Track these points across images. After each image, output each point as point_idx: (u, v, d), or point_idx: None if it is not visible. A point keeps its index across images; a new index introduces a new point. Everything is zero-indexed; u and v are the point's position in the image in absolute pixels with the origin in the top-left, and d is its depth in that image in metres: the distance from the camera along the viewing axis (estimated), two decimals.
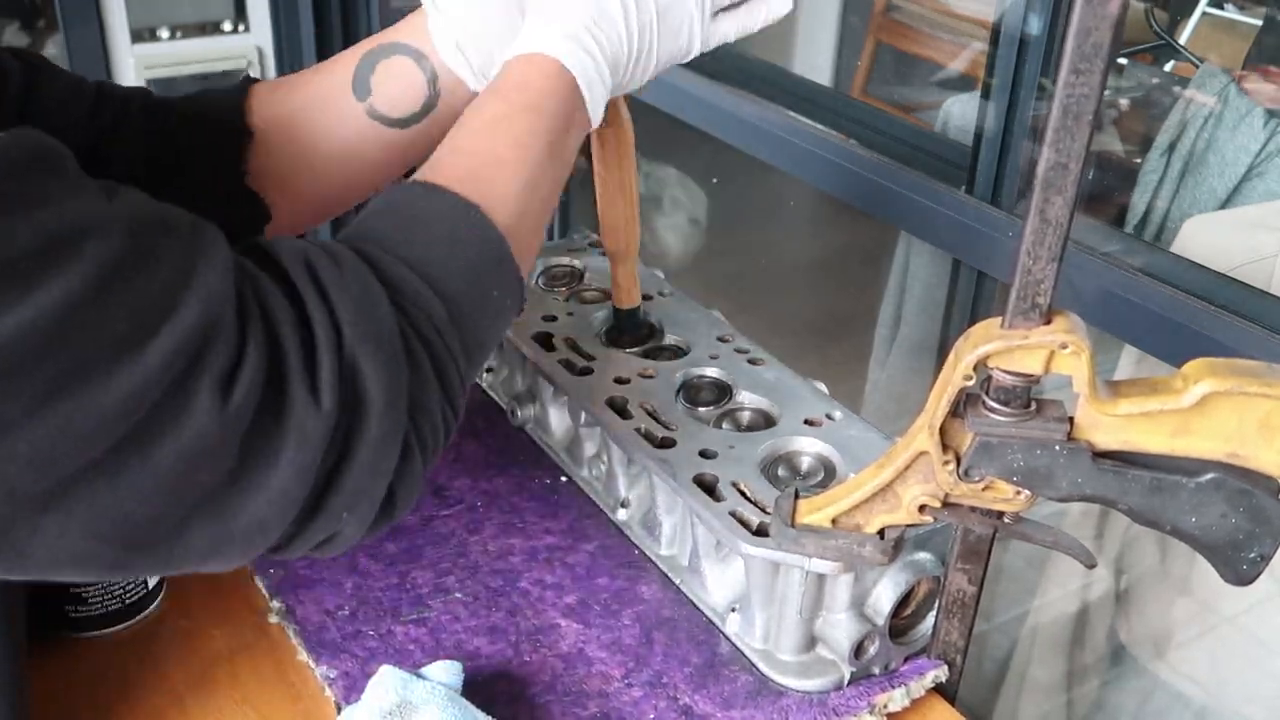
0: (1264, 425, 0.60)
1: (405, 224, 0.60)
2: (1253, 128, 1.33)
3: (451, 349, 0.58)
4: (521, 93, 0.67)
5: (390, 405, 0.54)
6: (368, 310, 0.54)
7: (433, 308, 0.58)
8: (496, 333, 0.64)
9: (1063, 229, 0.58)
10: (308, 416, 0.51)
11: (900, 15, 2.59)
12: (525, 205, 0.64)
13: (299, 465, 0.51)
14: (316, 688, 0.75)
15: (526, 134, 0.66)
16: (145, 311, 0.46)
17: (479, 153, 0.65)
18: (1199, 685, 1.24)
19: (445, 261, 0.59)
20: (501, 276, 0.62)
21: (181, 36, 2.12)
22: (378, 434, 0.53)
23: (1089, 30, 0.53)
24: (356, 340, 0.53)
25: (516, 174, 0.64)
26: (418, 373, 0.56)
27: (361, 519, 0.55)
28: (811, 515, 0.71)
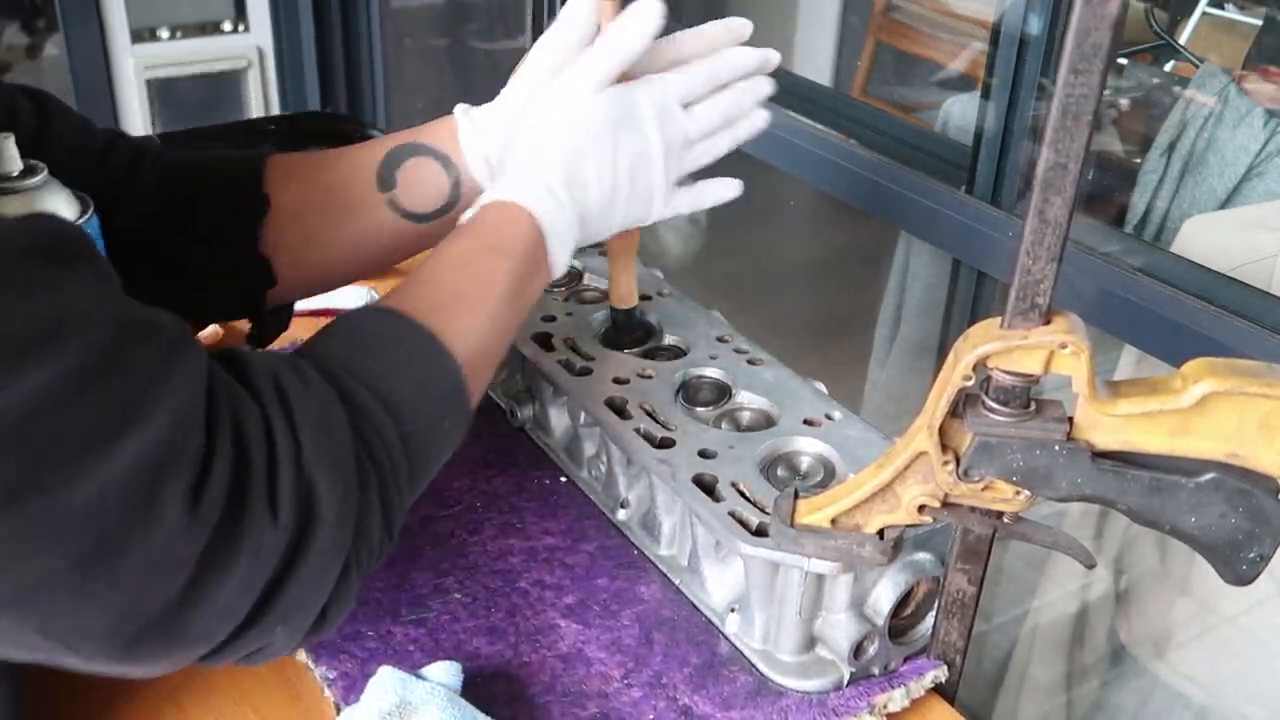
0: (1264, 425, 0.60)
1: (369, 349, 0.62)
2: (1253, 128, 1.33)
3: (399, 475, 0.60)
4: (491, 235, 0.71)
5: (338, 524, 0.54)
6: (327, 429, 0.55)
7: (388, 433, 0.59)
8: (440, 461, 0.66)
9: (1062, 229, 0.58)
10: (265, 532, 0.51)
11: (900, 15, 2.59)
12: (484, 341, 0.67)
13: (250, 580, 0.51)
14: (316, 688, 0.75)
15: (491, 273, 0.68)
16: (118, 413, 0.46)
17: (444, 286, 0.67)
18: (1199, 685, 1.24)
19: (404, 389, 0.61)
20: (454, 408, 0.64)
21: (181, 36, 2.12)
22: (323, 551, 0.54)
23: (1088, 30, 0.53)
24: (315, 458, 0.53)
25: (478, 310, 0.67)
26: (366, 496, 0.57)
27: (293, 632, 0.56)
28: (811, 515, 0.71)
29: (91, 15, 2.00)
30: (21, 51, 2.19)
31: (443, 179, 0.82)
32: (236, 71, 2.20)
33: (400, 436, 0.59)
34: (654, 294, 1.02)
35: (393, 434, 0.59)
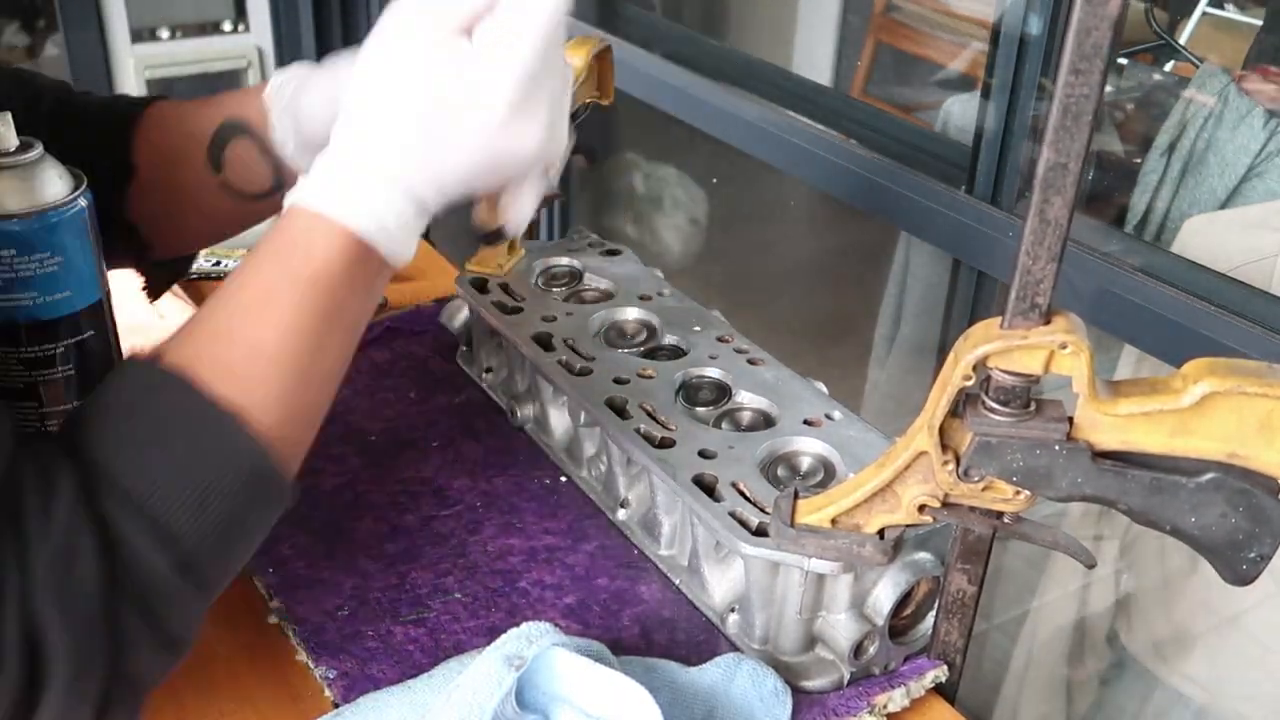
0: (1264, 425, 0.60)
1: (143, 436, 0.53)
2: (1253, 128, 1.33)
3: (176, 601, 0.53)
4: (300, 261, 0.57)
5: (73, 683, 0.48)
6: (65, 571, 0.48)
7: (154, 561, 0.51)
8: (251, 546, 0.58)
9: (1062, 229, 0.58)
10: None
11: (900, 15, 2.59)
12: (295, 406, 0.57)
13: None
14: (316, 688, 0.75)
15: (300, 315, 0.56)
16: None
17: (242, 342, 0.56)
18: (1199, 685, 1.24)
19: (182, 495, 0.52)
20: (258, 496, 0.55)
21: (181, 36, 2.12)
22: (55, 708, 0.48)
23: (1089, 30, 0.53)
24: (45, 604, 0.47)
25: (286, 369, 0.56)
26: (120, 639, 0.50)
27: None
28: (811, 515, 0.71)
29: (91, 15, 2.00)
30: (21, 51, 2.19)
31: (263, 163, 0.75)
32: (236, 71, 2.20)
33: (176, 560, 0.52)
34: (655, 294, 1.02)
35: (160, 562, 0.51)
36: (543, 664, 0.66)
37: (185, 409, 0.53)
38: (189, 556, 0.52)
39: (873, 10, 2.64)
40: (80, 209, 0.67)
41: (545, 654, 0.65)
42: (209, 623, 0.79)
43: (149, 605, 0.51)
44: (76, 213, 0.67)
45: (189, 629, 0.55)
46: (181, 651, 0.55)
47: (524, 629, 0.67)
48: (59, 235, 0.66)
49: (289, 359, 0.56)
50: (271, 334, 0.56)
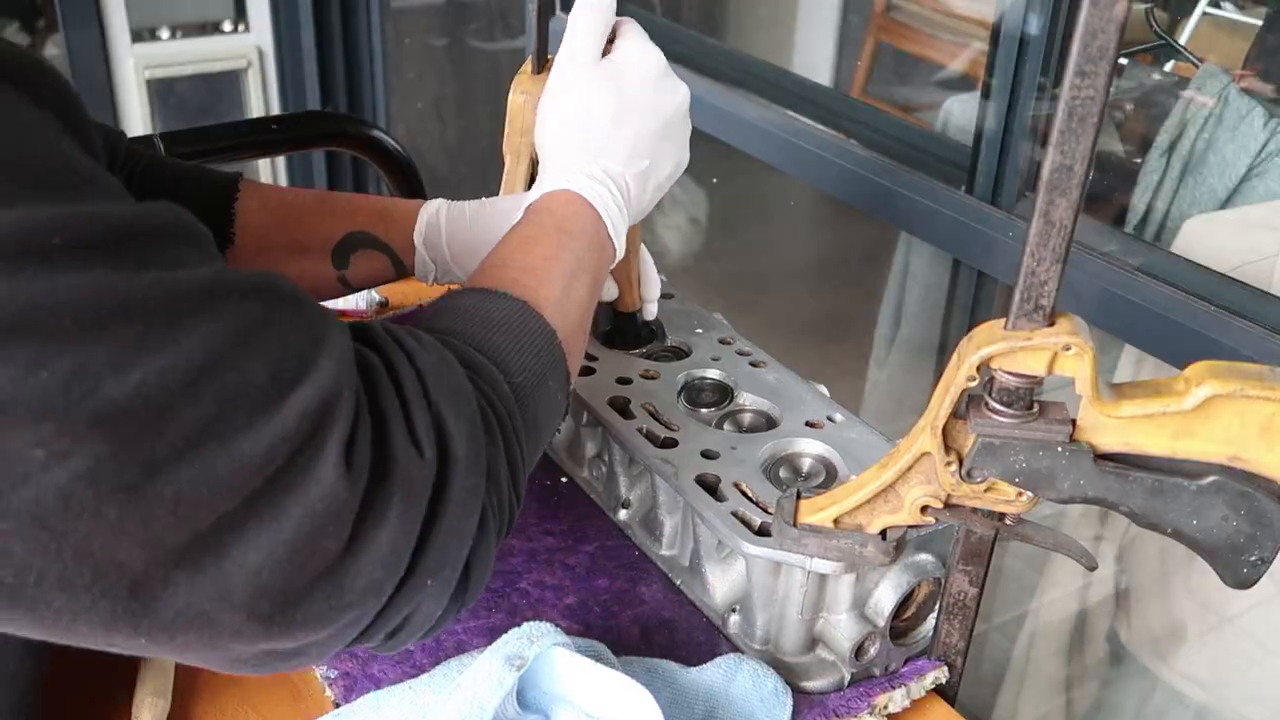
0: (1266, 428, 0.60)
1: (469, 317, 0.64)
2: (1253, 128, 1.33)
3: (518, 429, 0.61)
4: (549, 218, 0.74)
5: (473, 462, 0.55)
6: (447, 373, 0.57)
7: (498, 384, 0.60)
8: (551, 424, 0.67)
9: (1067, 231, 0.58)
10: (413, 467, 0.52)
11: (900, 15, 2.59)
12: (563, 307, 0.68)
13: (408, 519, 0.52)
14: (316, 687, 0.75)
15: (556, 248, 0.71)
16: (284, 368, 0.47)
17: (516, 264, 0.70)
18: (1199, 685, 1.24)
19: (509, 349, 0.63)
20: (554, 364, 0.66)
21: (181, 36, 2.12)
22: (462, 490, 0.55)
23: (1095, 33, 0.53)
24: (441, 397, 0.55)
25: (551, 280, 0.69)
26: (491, 439, 0.58)
27: (442, 588, 0.56)
28: (814, 515, 0.71)
29: (91, 15, 2.00)
30: None
31: (389, 271, 0.87)
32: (236, 71, 2.20)
33: (511, 389, 0.61)
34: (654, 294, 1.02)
35: (503, 386, 0.60)
36: (543, 664, 0.66)
37: (487, 298, 0.65)
38: (519, 390, 0.62)
39: (873, 10, 2.64)
40: None
41: (546, 654, 0.65)
42: None
43: (502, 420, 0.59)
44: None
45: (523, 476, 0.62)
46: (518, 496, 0.61)
47: (525, 629, 0.67)
48: None
49: (551, 274, 0.69)
50: (537, 259, 0.70)
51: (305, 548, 0.48)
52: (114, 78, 2.06)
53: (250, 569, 0.47)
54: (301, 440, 0.47)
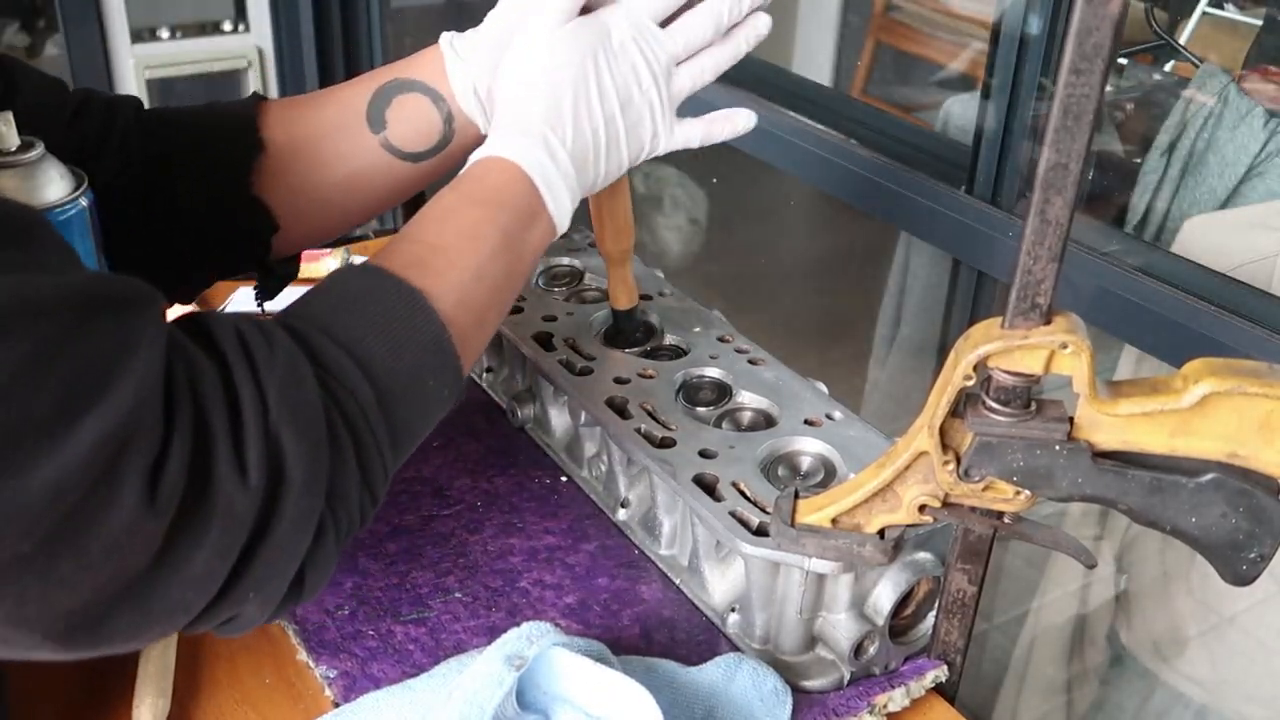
0: (1264, 425, 0.60)
1: (343, 304, 0.60)
2: (1253, 128, 1.33)
3: (377, 435, 0.58)
4: (477, 187, 0.69)
5: (309, 485, 0.53)
6: (293, 388, 0.53)
7: (361, 391, 0.57)
8: (428, 422, 0.64)
9: (1063, 229, 0.58)
10: (235, 494, 0.50)
11: (900, 15, 2.59)
12: (470, 296, 0.64)
13: (224, 544, 0.50)
14: (316, 688, 0.75)
15: (475, 225, 0.66)
16: (77, 393, 0.45)
17: (425, 241, 0.65)
18: (1199, 685, 1.24)
19: (379, 344, 0.59)
20: (438, 364, 0.62)
21: (181, 36, 2.12)
22: (294, 514, 0.53)
23: (1090, 30, 0.53)
24: (282, 418, 0.52)
25: (463, 264, 0.64)
26: (339, 456, 0.55)
27: (267, 600, 0.55)
28: (812, 515, 0.71)
29: (91, 15, 2.00)
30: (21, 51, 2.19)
31: (434, 115, 0.79)
32: (236, 71, 2.19)
33: (375, 395, 0.58)
34: (654, 294, 1.02)
35: (366, 393, 0.57)
36: (543, 664, 0.66)
37: (377, 285, 0.61)
38: (385, 395, 0.58)
39: (873, 10, 2.64)
40: (81, 209, 0.67)
41: (546, 654, 0.65)
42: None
43: (357, 432, 0.57)
44: (78, 212, 0.67)
45: (382, 479, 0.59)
46: (374, 499, 0.59)
47: (524, 629, 0.67)
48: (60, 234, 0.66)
49: (463, 258, 0.65)
50: (451, 236, 0.66)
51: (106, 574, 0.47)
52: (114, 78, 2.06)
53: (48, 599, 0.46)
54: (98, 472, 0.45)
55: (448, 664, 0.73)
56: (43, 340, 0.44)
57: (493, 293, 0.67)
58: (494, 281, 0.66)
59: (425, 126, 0.80)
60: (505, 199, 0.68)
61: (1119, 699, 1.37)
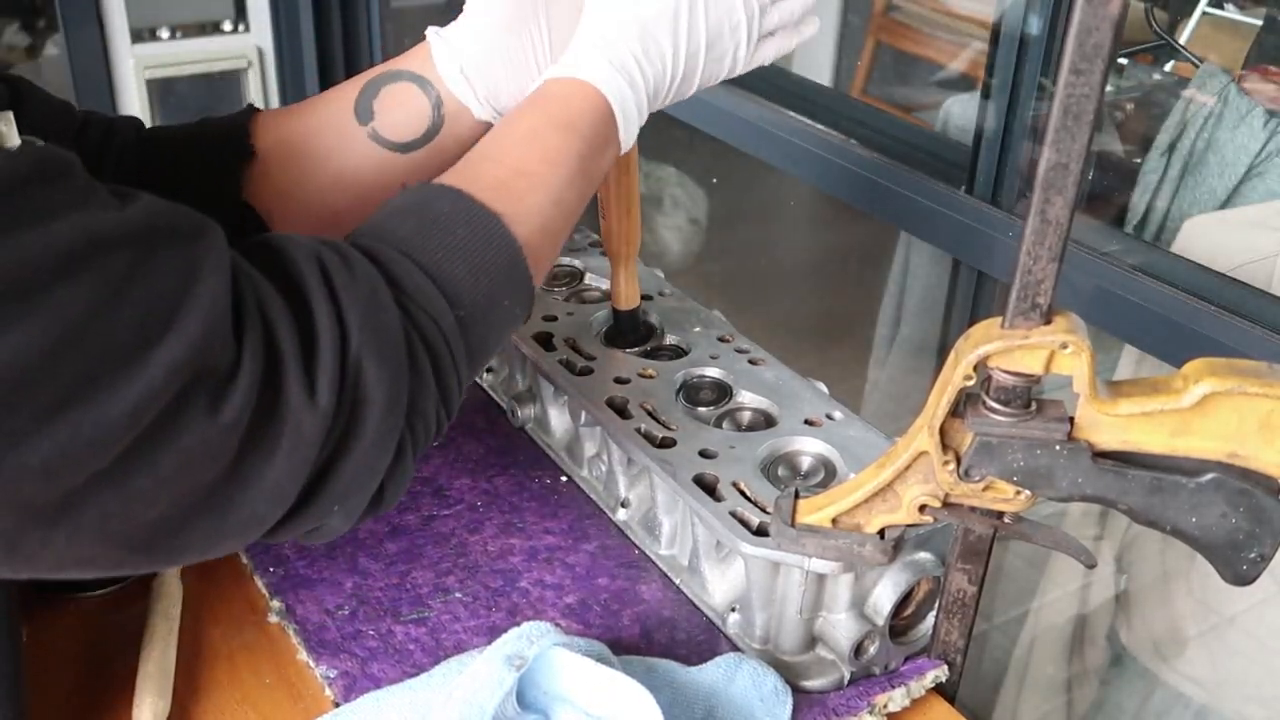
0: (1264, 425, 0.60)
1: (425, 226, 0.61)
2: (1253, 128, 1.33)
3: (455, 354, 0.59)
4: (559, 110, 0.69)
5: (390, 408, 0.54)
6: (375, 315, 0.55)
7: (441, 313, 0.58)
8: (501, 338, 0.65)
9: (1063, 229, 0.58)
10: (304, 415, 0.51)
11: (900, 15, 2.59)
12: (548, 220, 0.65)
13: (294, 462, 0.52)
14: (316, 687, 0.75)
15: (558, 150, 0.67)
16: (148, 324, 0.47)
17: (508, 164, 0.65)
18: (1199, 685, 1.24)
19: (460, 267, 0.60)
20: (514, 286, 0.63)
21: (181, 36, 2.12)
22: (375, 435, 0.54)
23: (1090, 30, 0.53)
24: (363, 343, 0.54)
25: (544, 189, 0.65)
26: (418, 377, 0.57)
27: (350, 512, 0.56)
28: (812, 515, 0.71)
29: (91, 15, 2.00)
30: (21, 51, 2.19)
31: (422, 102, 0.79)
32: (236, 71, 2.19)
33: (456, 317, 0.59)
34: (654, 294, 1.02)
35: (447, 315, 0.59)
36: (543, 664, 0.66)
37: (460, 208, 0.62)
38: (465, 318, 0.59)
39: (873, 10, 2.64)
40: None
41: (546, 654, 0.65)
42: (209, 622, 0.79)
43: (436, 353, 0.58)
44: None
45: (457, 394, 0.61)
46: (449, 414, 0.60)
47: (525, 629, 0.67)
48: None
49: (546, 180, 0.65)
50: (534, 160, 0.66)
51: (181, 487, 0.49)
52: (114, 78, 2.06)
53: (128, 514, 0.48)
54: (170, 397, 0.47)
55: (448, 664, 0.73)
56: (113, 276, 0.46)
57: (567, 216, 0.68)
58: (569, 206, 0.67)
59: (414, 114, 0.79)
60: (585, 126, 0.69)
61: (1119, 699, 1.37)
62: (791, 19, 0.78)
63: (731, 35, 0.74)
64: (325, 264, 0.55)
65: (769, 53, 0.78)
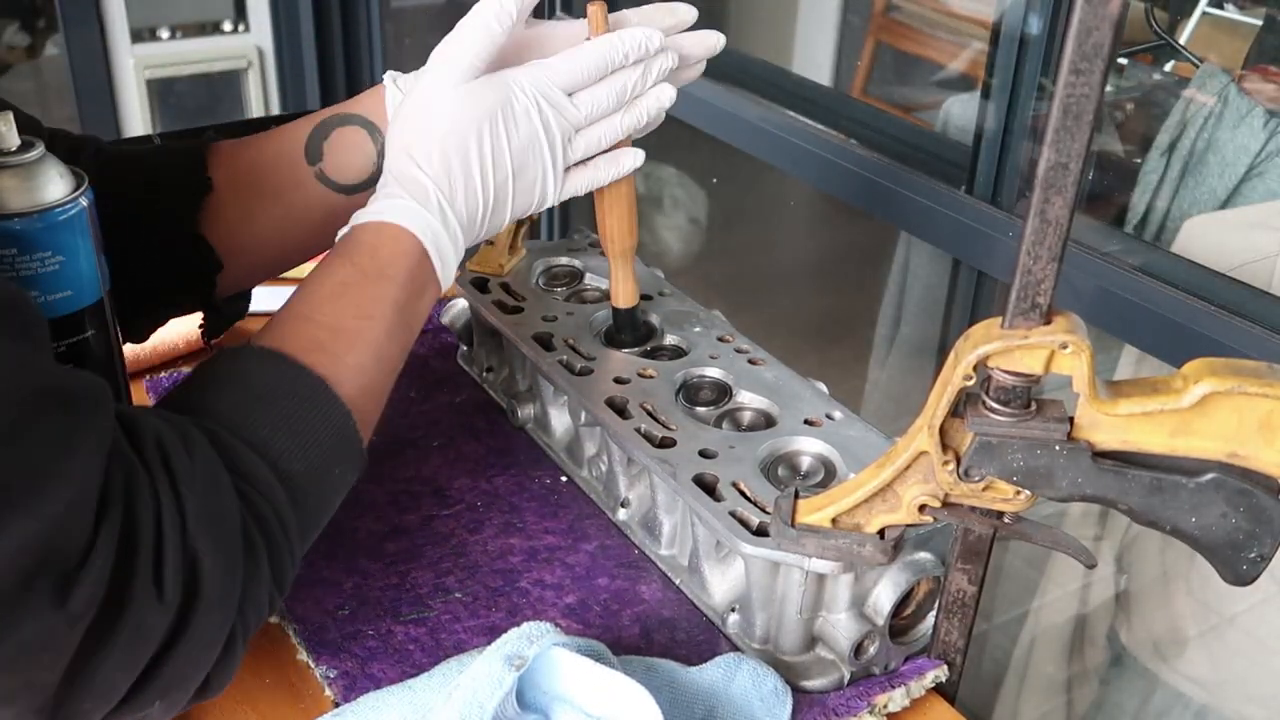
0: (1264, 425, 0.60)
1: (253, 401, 0.60)
2: (1253, 128, 1.33)
3: (289, 534, 0.59)
4: (370, 259, 0.67)
5: (222, 602, 0.53)
6: (214, 504, 0.53)
7: (275, 494, 0.57)
8: (333, 506, 0.65)
9: (1063, 229, 0.58)
10: (149, 610, 0.50)
11: (900, 15, 2.59)
12: (371, 379, 0.64)
13: (129, 659, 0.50)
14: (316, 687, 0.75)
15: (374, 303, 0.65)
16: (10, 489, 0.44)
17: (326, 323, 0.64)
18: (1199, 685, 1.24)
19: (289, 442, 0.59)
20: (344, 453, 0.62)
21: (181, 36, 2.13)
22: (205, 630, 0.53)
23: (1089, 30, 0.53)
24: (200, 535, 0.52)
25: (363, 345, 0.64)
26: (254, 564, 0.56)
27: (172, 705, 0.55)
28: (812, 515, 0.71)
29: (91, 15, 2.00)
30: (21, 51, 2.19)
31: (369, 147, 0.79)
32: (236, 71, 2.20)
33: (289, 495, 0.58)
34: (654, 294, 1.02)
35: (280, 495, 0.58)
36: (543, 664, 0.66)
37: (283, 376, 0.60)
38: (298, 494, 0.59)
39: (873, 10, 2.64)
40: (81, 208, 0.67)
41: (546, 654, 0.65)
42: None
43: (271, 536, 0.57)
44: (78, 212, 0.67)
45: (290, 573, 0.60)
46: (281, 594, 0.60)
47: (524, 629, 0.67)
48: (60, 234, 0.66)
49: (363, 338, 0.64)
50: (349, 317, 0.64)
51: (14, 684, 0.47)
52: (114, 78, 2.06)
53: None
54: (15, 576, 0.44)
55: (448, 664, 0.72)
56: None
57: (390, 371, 0.67)
58: (391, 359, 0.67)
59: (360, 158, 0.80)
60: (399, 271, 0.67)
61: (1119, 699, 1.37)
62: (599, 148, 0.77)
63: (537, 163, 0.73)
64: (166, 449, 0.53)
65: (580, 183, 0.78)
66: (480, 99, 0.71)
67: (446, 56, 0.71)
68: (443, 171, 0.70)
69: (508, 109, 0.71)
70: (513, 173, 0.73)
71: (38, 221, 0.65)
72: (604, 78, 0.75)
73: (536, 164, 0.74)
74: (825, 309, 2.50)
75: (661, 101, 0.78)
